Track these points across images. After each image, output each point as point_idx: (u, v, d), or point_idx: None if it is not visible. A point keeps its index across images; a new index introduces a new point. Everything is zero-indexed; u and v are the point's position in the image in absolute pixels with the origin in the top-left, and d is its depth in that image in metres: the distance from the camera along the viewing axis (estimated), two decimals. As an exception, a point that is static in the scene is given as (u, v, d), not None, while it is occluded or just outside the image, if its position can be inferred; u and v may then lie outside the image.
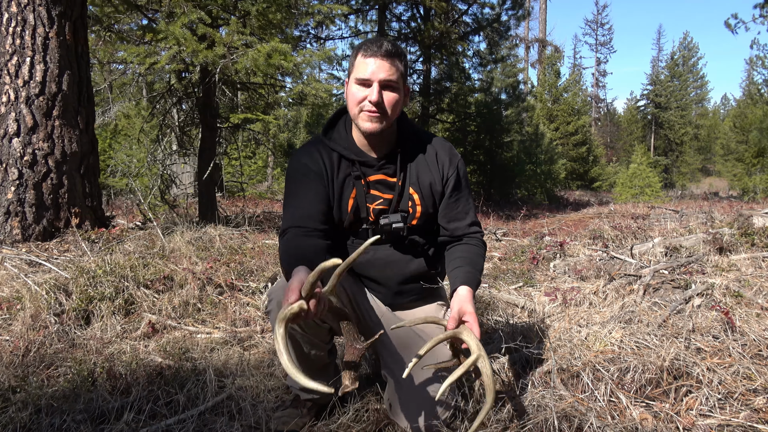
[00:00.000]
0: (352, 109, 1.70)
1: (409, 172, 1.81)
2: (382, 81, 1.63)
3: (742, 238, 4.06)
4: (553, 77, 25.32)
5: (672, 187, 26.92)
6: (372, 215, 1.80)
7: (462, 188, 1.85)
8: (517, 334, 2.54)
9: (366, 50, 1.63)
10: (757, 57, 20.12)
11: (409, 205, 1.81)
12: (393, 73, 1.64)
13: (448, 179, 1.82)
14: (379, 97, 1.63)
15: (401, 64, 1.67)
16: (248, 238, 5.01)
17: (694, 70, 35.10)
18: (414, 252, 1.87)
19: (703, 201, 12.86)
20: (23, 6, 4.11)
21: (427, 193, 1.82)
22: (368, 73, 1.63)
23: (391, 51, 1.64)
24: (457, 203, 1.84)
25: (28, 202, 4.07)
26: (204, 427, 1.85)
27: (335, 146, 1.78)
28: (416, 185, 1.81)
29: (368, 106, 1.64)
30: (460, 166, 1.85)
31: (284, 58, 5.89)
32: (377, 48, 1.62)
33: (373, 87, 1.63)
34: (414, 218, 1.83)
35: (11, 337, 2.63)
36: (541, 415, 1.72)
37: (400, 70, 1.67)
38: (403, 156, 1.80)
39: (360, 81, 1.65)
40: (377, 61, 1.62)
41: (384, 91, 1.64)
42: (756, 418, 1.75)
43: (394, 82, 1.65)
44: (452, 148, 1.88)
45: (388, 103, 1.66)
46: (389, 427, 1.83)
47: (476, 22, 13.81)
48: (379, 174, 1.79)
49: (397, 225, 1.77)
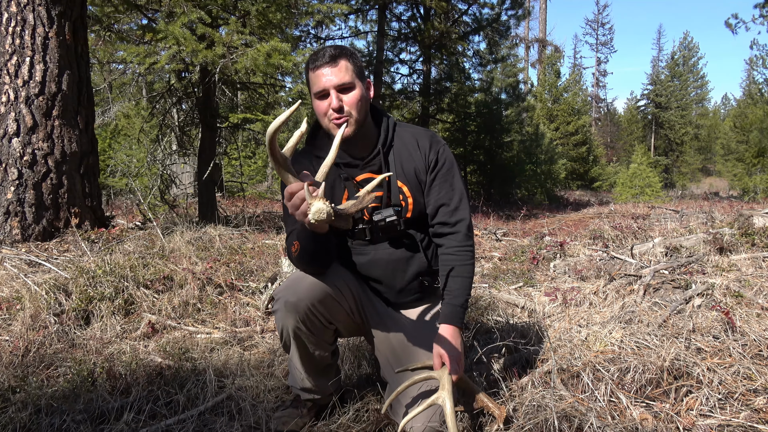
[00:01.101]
0: (324, 122, 1.74)
1: (394, 165, 1.81)
2: (336, 86, 1.66)
3: (743, 238, 4.06)
4: (553, 77, 25.30)
5: (672, 187, 26.91)
6: (366, 214, 1.81)
7: (447, 173, 1.83)
8: (518, 334, 2.54)
9: (312, 63, 1.69)
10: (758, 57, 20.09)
11: (400, 198, 1.81)
12: (343, 74, 1.67)
13: (430, 164, 1.82)
14: (339, 102, 1.67)
15: (349, 61, 1.69)
16: (248, 238, 5.01)
17: (694, 70, 35.07)
18: (413, 249, 1.87)
19: (704, 201, 12.85)
20: (23, 6, 4.11)
21: (413, 182, 1.81)
22: (321, 85, 1.67)
23: (335, 54, 1.67)
24: (441, 188, 1.81)
25: (28, 202, 4.07)
26: (204, 427, 1.85)
27: (320, 152, 1.80)
28: (402, 176, 1.81)
29: (333, 114, 1.68)
30: (442, 151, 1.83)
31: (284, 57, 5.89)
32: (321, 57, 1.67)
33: (331, 95, 1.67)
34: (408, 211, 1.82)
35: (11, 337, 2.63)
36: (541, 415, 1.72)
37: (350, 68, 1.69)
38: (386, 150, 1.81)
39: (318, 95, 1.69)
40: (325, 70, 1.66)
41: (341, 95, 1.68)
42: (756, 418, 1.75)
43: (348, 82, 1.67)
44: (434, 135, 1.87)
45: (350, 103, 1.68)
46: (389, 427, 1.83)
47: (476, 22, 13.80)
48: (365, 173, 1.80)
49: (391, 218, 1.76)
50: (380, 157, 1.79)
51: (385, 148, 1.80)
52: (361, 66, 1.75)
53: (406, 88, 14.40)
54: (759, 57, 19.76)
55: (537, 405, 1.79)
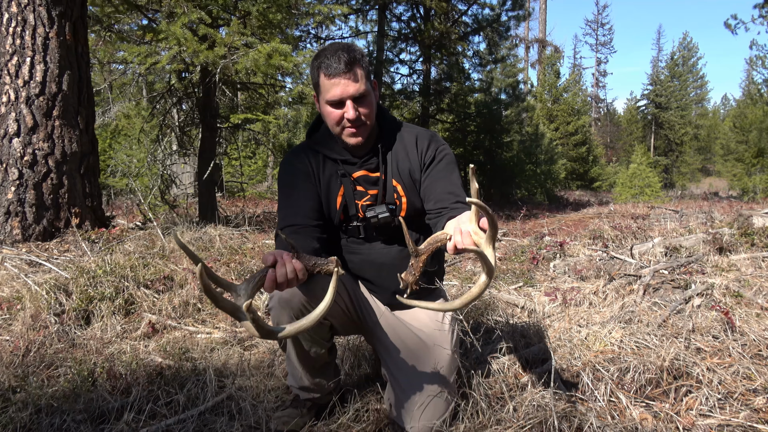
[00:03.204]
0: (334, 128, 1.71)
1: (390, 164, 1.81)
2: (354, 96, 1.63)
3: (742, 238, 4.06)
4: (553, 77, 25.30)
5: (672, 187, 26.91)
6: (361, 212, 1.81)
7: (446, 167, 1.78)
8: (517, 334, 2.54)
9: (327, 69, 1.61)
10: (757, 57, 20.08)
11: (394, 197, 1.81)
12: (360, 84, 1.63)
13: (426, 160, 1.79)
14: (356, 113, 1.65)
15: (362, 67, 1.65)
16: (248, 238, 5.01)
17: (693, 70, 35.07)
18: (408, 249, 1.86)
19: (703, 201, 12.86)
20: (23, 6, 4.11)
21: (408, 182, 1.80)
22: (338, 95, 1.62)
23: (350, 60, 1.61)
24: (437, 182, 1.74)
25: (28, 202, 4.07)
26: (204, 427, 1.85)
27: (319, 148, 1.81)
28: (397, 176, 1.81)
29: (348, 124, 1.66)
30: (441, 149, 1.81)
31: (284, 58, 5.90)
32: (337, 64, 1.60)
33: (347, 105, 1.64)
34: (402, 210, 1.82)
35: (11, 337, 2.63)
36: (541, 415, 1.72)
37: (364, 74, 1.66)
38: (384, 149, 1.80)
39: (332, 103, 1.65)
40: (342, 80, 1.61)
41: (358, 105, 1.65)
42: (756, 418, 1.75)
43: (364, 91, 1.65)
44: (434, 135, 1.85)
45: (366, 113, 1.67)
46: (389, 427, 1.83)
47: (476, 22, 13.80)
48: (362, 170, 1.81)
49: (384, 215, 1.76)
50: (378, 155, 1.80)
51: (383, 147, 1.81)
52: (369, 66, 1.74)
53: (406, 88, 14.39)
54: (758, 57, 19.76)
55: (537, 405, 1.80)
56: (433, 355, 1.79)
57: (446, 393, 1.74)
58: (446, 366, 1.78)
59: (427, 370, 1.77)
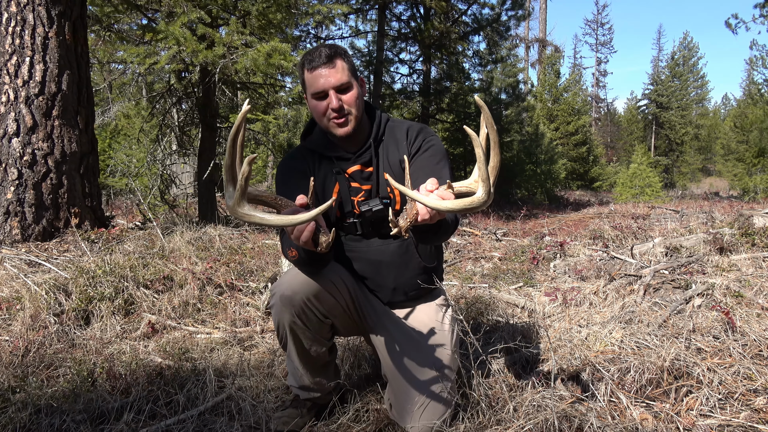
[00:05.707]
0: (322, 122, 1.77)
1: (382, 158, 1.83)
2: (335, 86, 1.70)
3: (743, 238, 4.06)
4: (553, 77, 25.28)
5: (672, 187, 26.89)
6: (357, 208, 1.82)
7: (432, 157, 1.78)
8: (517, 334, 2.54)
9: (309, 64, 1.70)
10: (757, 57, 20.08)
11: (388, 190, 1.82)
12: (341, 74, 1.70)
13: (413, 150, 1.81)
14: (339, 102, 1.70)
15: (344, 61, 1.72)
16: (248, 238, 5.01)
17: (694, 70, 35.04)
18: (407, 244, 1.86)
19: (704, 201, 12.85)
20: (23, 6, 4.10)
21: (398, 174, 1.80)
22: (320, 86, 1.70)
23: (331, 54, 1.69)
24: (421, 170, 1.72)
25: (28, 202, 4.07)
26: (204, 427, 1.85)
27: (314, 147, 1.86)
28: (388, 168, 1.82)
29: (332, 114, 1.72)
30: (429, 139, 1.81)
31: (284, 57, 5.89)
32: (318, 57, 1.69)
33: (330, 95, 1.70)
34: (396, 203, 1.82)
35: (11, 337, 2.63)
36: (541, 415, 1.72)
37: (346, 67, 1.72)
38: (376, 143, 1.83)
39: (316, 95, 1.72)
40: (322, 71, 1.69)
41: (340, 95, 1.71)
42: (756, 418, 1.75)
43: (346, 81, 1.71)
44: (425, 127, 1.87)
45: (348, 102, 1.72)
46: (389, 427, 1.83)
47: (476, 22, 13.79)
48: (356, 165, 1.83)
49: (378, 208, 1.76)
50: (371, 150, 1.82)
51: (376, 141, 1.83)
52: (353, 64, 1.79)
53: (405, 87, 14.39)
54: (759, 57, 19.76)
55: (537, 405, 1.79)
56: (433, 355, 1.79)
57: (446, 393, 1.74)
58: (446, 366, 1.78)
59: (427, 370, 1.76)
